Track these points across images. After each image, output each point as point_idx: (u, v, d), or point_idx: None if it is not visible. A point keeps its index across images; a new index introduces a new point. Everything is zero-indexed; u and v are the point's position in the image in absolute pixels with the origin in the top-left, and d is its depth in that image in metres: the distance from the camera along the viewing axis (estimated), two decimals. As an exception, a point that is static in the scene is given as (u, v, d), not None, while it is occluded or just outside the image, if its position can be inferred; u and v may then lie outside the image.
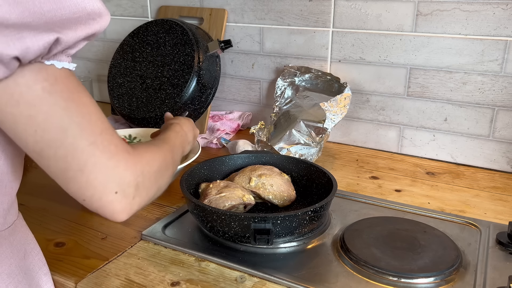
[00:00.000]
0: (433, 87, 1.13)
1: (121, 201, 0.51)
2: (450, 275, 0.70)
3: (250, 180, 0.88)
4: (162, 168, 0.59)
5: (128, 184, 0.51)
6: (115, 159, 0.50)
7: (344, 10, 1.18)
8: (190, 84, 1.18)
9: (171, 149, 0.67)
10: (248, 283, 0.69)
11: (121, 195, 0.51)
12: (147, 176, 0.54)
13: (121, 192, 0.50)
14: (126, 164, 0.51)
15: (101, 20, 0.50)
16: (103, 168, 0.49)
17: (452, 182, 1.05)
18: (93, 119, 0.49)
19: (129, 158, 0.52)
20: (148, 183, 0.55)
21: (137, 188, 0.52)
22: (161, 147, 0.63)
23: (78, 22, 0.47)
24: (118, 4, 1.56)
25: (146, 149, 0.57)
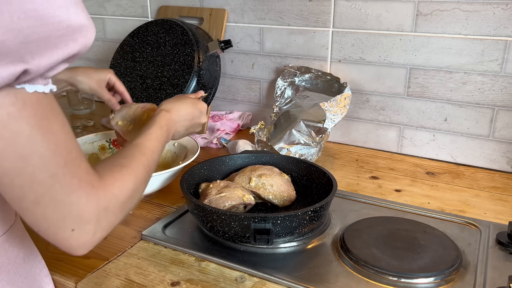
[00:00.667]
0: (433, 87, 1.13)
1: (78, 238, 0.48)
2: (450, 275, 0.70)
3: (250, 180, 0.88)
4: (133, 193, 0.56)
5: (88, 221, 0.48)
6: (76, 194, 0.46)
7: (344, 10, 1.18)
8: (190, 84, 1.18)
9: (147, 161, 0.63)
10: (248, 283, 0.69)
11: (78, 233, 0.47)
12: (112, 209, 0.51)
13: (79, 230, 0.47)
14: (88, 200, 0.47)
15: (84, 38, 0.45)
16: (61, 203, 0.46)
17: (452, 182, 1.05)
18: (59, 149, 0.46)
19: (92, 193, 0.48)
20: (113, 216, 0.52)
21: (98, 224, 0.49)
22: (135, 166, 0.59)
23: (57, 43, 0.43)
24: (118, 4, 1.56)
25: (116, 177, 0.53)
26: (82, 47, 0.45)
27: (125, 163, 0.58)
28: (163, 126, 0.75)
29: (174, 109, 0.81)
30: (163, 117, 0.76)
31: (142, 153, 0.63)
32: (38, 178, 0.44)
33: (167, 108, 0.80)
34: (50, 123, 0.46)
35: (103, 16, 1.61)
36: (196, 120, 0.86)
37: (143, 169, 0.60)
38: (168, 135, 0.77)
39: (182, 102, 0.84)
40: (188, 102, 0.85)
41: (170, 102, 0.82)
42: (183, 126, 0.83)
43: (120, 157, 0.60)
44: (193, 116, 0.85)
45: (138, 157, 0.61)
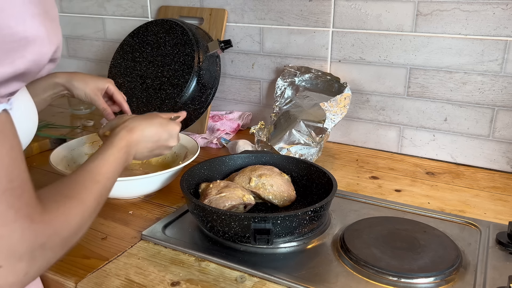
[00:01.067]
0: (433, 87, 1.13)
1: (7, 276, 0.42)
2: (450, 275, 0.70)
3: (250, 180, 0.88)
4: (79, 228, 0.52)
5: (20, 258, 0.43)
6: (8, 228, 0.42)
7: (344, 10, 1.18)
8: (190, 84, 1.18)
9: (99, 191, 0.59)
10: (248, 283, 0.69)
11: (7, 270, 0.42)
12: (51, 246, 0.46)
13: (8, 267, 0.42)
14: (23, 235, 0.42)
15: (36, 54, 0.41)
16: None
17: (452, 182, 1.05)
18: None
19: (29, 228, 0.43)
20: (51, 253, 0.47)
21: (32, 262, 0.44)
22: (84, 198, 0.55)
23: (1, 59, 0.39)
24: (118, 4, 1.56)
25: (60, 211, 0.49)
26: (32, 65, 0.41)
27: (74, 194, 0.54)
28: (122, 148, 0.70)
29: (138, 129, 0.76)
30: (122, 138, 0.72)
31: (95, 181, 0.59)
32: None
33: (130, 126, 0.75)
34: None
35: (103, 16, 1.61)
36: (162, 143, 0.82)
37: (94, 200, 0.56)
38: (128, 157, 0.72)
39: (148, 122, 0.79)
40: (155, 123, 0.80)
41: (135, 120, 0.78)
42: (146, 147, 0.78)
43: (71, 185, 0.55)
44: (159, 137, 0.81)
45: (89, 187, 0.57)
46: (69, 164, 1.01)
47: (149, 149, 0.79)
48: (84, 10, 1.64)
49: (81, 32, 1.68)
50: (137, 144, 0.75)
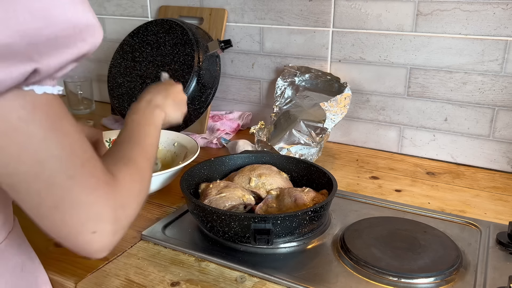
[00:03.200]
0: (433, 87, 1.13)
1: (100, 240, 0.46)
2: (450, 275, 0.70)
3: (250, 180, 0.88)
4: (142, 185, 0.56)
5: (108, 221, 0.47)
6: (94, 195, 0.45)
7: (344, 10, 1.18)
8: (190, 84, 1.18)
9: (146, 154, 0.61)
10: (248, 283, 0.69)
11: (99, 235, 0.46)
12: (129, 204, 0.51)
13: (100, 232, 0.46)
14: (107, 199, 0.47)
15: (93, 37, 0.44)
16: (81, 205, 0.44)
17: (452, 182, 1.05)
18: (75, 150, 0.45)
19: (109, 191, 0.47)
20: (130, 211, 0.51)
21: (118, 223, 0.48)
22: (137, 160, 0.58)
23: (65, 43, 0.41)
24: (118, 4, 1.56)
25: (125, 172, 0.53)
26: (91, 47, 0.44)
27: (127, 156, 0.57)
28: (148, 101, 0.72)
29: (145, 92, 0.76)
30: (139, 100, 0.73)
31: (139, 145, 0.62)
32: (56, 181, 0.43)
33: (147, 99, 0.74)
34: (62, 124, 0.44)
35: (103, 16, 1.61)
36: (171, 91, 0.80)
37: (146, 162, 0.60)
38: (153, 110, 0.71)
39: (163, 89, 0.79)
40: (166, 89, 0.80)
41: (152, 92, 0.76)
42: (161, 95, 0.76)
43: (120, 151, 0.59)
44: (164, 87, 0.79)
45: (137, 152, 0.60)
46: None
47: (164, 96, 0.76)
48: (84, 10, 1.64)
49: (81, 32, 1.68)
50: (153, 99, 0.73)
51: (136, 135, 0.64)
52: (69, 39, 0.42)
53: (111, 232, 0.47)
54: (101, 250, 0.47)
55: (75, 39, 0.42)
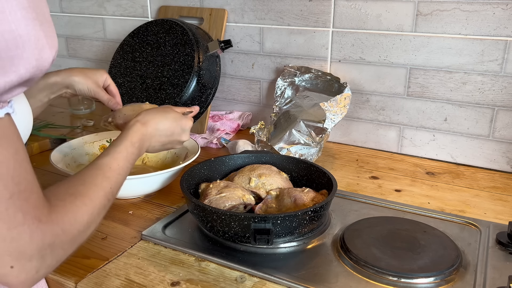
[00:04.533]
0: (433, 87, 1.13)
1: (18, 276, 0.44)
2: (450, 275, 0.70)
3: (250, 180, 0.88)
4: (87, 225, 0.52)
5: (30, 258, 0.44)
6: (17, 230, 0.42)
7: (344, 10, 1.18)
8: (190, 84, 1.18)
9: (110, 187, 0.58)
10: (248, 283, 0.69)
11: (18, 270, 0.43)
12: (60, 245, 0.47)
13: (19, 267, 0.43)
14: (31, 237, 0.43)
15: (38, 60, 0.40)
16: (0, 239, 0.42)
17: (452, 182, 1.05)
18: (4, 180, 0.42)
19: (38, 229, 0.44)
20: (60, 251, 0.47)
21: (42, 261, 0.45)
22: (93, 195, 0.54)
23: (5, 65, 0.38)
24: (118, 4, 1.56)
25: (68, 209, 0.49)
26: (36, 70, 0.41)
27: (83, 191, 0.54)
28: (136, 142, 0.70)
29: (152, 122, 0.76)
30: (136, 131, 0.72)
31: (106, 177, 0.59)
32: None
33: (144, 120, 0.75)
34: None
35: (103, 16, 1.61)
36: (175, 137, 0.81)
37: (104, 197, 0.56)
38: (140, 151, 0.72)
39: (163, 115, 0.79)
40: (170, 117, 0.80)
41: (149, 114, 0.77)
42: (159, 141, 0.78)
43: (79, 182, 0.55)
44: (172, 132, 0.80)
45: (99, 183, 0.57)
46: (69, 164, 1.01)
47: (162, 143, 0.79)
48: (84, 10, 1.64)
49: (81, 32, 1.68)
50: (150, 138, 0.75)
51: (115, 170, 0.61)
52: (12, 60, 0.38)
53: (33, 269, 0.45)
54: (21, 284, 0.45)
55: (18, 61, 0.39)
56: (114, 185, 0.60)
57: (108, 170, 0.60)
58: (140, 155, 0.72)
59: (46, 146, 1.23)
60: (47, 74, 0.87)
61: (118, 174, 0.62)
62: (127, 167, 0.66)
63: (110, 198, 0.58)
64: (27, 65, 0.40)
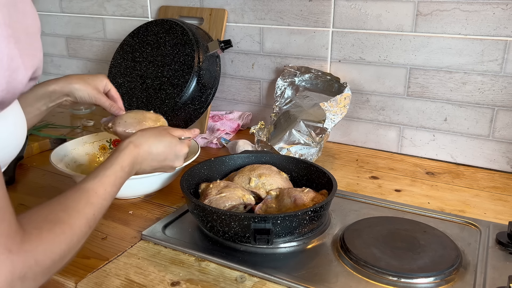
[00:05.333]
0: (433, 87, 1.13)
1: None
2: (450, 275, 0.70)
3: (250, 180, 0.88)
4: (64, 255, 0.48)
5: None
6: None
7: (344, 10, 1.18)
8: (190, 84, 1.18)
9: (93, 214, 0.55)
10: (248, 283, 0.69)
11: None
12: (32, 276, 0.44)
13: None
14: (0, 268, 0.41)
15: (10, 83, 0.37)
16: None
17: (452, 182, 1.05)
18: None
19: (7, 259, 0.41)
20: (31, 283, 0.44)
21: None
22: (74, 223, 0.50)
23: None
24: (118, 4, 1.56)
25: (43, 238, 0.46)
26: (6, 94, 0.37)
27: (63, 217, 0.50)
28: (126, 166, 0.67)
29: (145, 145, 0.73)
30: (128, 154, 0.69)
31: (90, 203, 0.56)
32: None
33: (138, 141, 0.72)
34: None
35: (103, 16, 1.61)
36: (168, 163, 0.78)
37: (85, 225, 0.53)
38: (129, 175, 0.69)
39: (157, 139, 0.76)
40: (165, 141, 0.77)
41: (144, 135, 0.74)
42: (150, 165, 0.75)
43: (60, 207, 0.51)
44: (165, 157, 0.77)
45: (82, 210, 0.53)
46: (69, 164, 1.01)
47: (152, 167, 0.76)
48: (84, 10, 1.64)
49: (81, 32, 1.68)
50: (142, 162, 0.72)
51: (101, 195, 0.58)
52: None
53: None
54: None
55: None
56: (97, 211, 0.57)
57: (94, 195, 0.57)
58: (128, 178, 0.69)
59: (46, 146, 1.23)
60: (45, 82, 0.85)
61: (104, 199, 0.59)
62: (114, 192, 0.63)
63: (92, 225, 0.55)
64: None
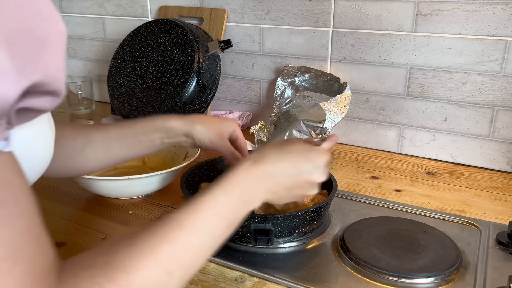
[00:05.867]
0: (433, 87, 1.13)
1: None
2: (450, 275, 0.70)
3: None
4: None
5: None
6: None
7: (344, 10, 1.18)
8: (190, 84, 1.18)
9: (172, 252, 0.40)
10: (248, 283, 0.69)
11: None
12: None
13: None
14: None
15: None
16: None
17: (452, 182, 1.05)
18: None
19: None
20: None
21: None
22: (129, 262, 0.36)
23: None
24: (118, 4, 1.56)
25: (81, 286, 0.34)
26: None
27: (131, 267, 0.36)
28: (239, 186, 0.49)
29: (268, 158, 0.55)
30: (244, 170, 0.51)
31: (174, 247, 0.40)
32: None
33: (256, 157, 0.54)
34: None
35: (103, 16, 1.61)
36: (304, 177, 0.57)
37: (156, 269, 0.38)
38: (250, 200, 0.50)
39: (282, 149, 0.58)
40: (294, 149, 0.58)
41: (264, 149, 0.57)
42: (282, 184, 0.56)
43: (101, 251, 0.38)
44: (299, 169, 0.57)
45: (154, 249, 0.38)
46: (69, 164, 1.00)
47: (286, 186, 0.56)
48: (84, 10, 1.64)
49: (81, 32, 1.68)
50: (267, 179, 0.53)
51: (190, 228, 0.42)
52: None
53: None
54: None
55: None
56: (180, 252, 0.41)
57: (176, 228, 0.43)
58: (250, 207, 0.51)
59: (46, 146, 1.23)
60: (169, 116, 0.76)
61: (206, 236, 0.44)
62: (218, 234, 0.46)
63: (175, 269, 0.40)
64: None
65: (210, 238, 0.44)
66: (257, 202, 0.53)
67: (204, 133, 0.75)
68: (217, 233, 0.46)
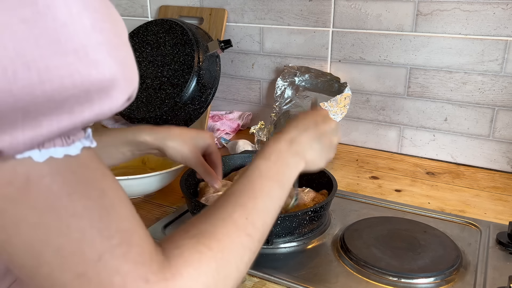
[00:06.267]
0: (433, 87, 1.13)
1: None
2: (450, 275, 0.70)
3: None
4: (219, 275, 0.39)
5: None
6: None
7: (344, 10, 1.18)
8: (190, 84, 1.18)
9: (246, 216, 0.44)
10: (248, 283, 0.69)
11: None
12: None
13: None
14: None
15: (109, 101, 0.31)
16: None
17: (452, 182, 1.05)
18: (89, 237, 0.32)
19: None
20: None
21: None
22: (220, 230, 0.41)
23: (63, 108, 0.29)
24: (118, 4, 1.56)
25: (187, 259, 0.37)
26: (104, 112, 0.31)
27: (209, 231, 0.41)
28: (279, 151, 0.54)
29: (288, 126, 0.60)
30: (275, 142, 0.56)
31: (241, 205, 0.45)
32: (58, 280, 0.32)
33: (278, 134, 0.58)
34: (72, 200, 0.32)
35: (103, 16, 1.61)
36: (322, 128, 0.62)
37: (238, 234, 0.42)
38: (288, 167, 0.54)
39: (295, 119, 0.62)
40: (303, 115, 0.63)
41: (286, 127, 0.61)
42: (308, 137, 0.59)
43: (204, 220, 0.42)
44: (315, 121, 0.62)
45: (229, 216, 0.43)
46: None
47: (312, 138, 0.59)
48: (84, 10, 1.64)
49: (81, 32, 1.68)
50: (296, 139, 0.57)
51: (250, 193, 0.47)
52: (74, 102, 0.29)
53: None
54: None
55: (81, 102, 0.30)
56: (251, 214, 0.45)
57: (249, 192, 0.47)
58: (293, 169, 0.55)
59: (46, 146, 1.23)
60: (140, 128, 0.75)
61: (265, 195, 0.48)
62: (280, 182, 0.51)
63: (252, 232, 0.44)
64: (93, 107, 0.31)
65: (270, 200, 0.49)
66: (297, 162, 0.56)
67: (177, 149, 0.74)
68: (275, 195, 0.50)
